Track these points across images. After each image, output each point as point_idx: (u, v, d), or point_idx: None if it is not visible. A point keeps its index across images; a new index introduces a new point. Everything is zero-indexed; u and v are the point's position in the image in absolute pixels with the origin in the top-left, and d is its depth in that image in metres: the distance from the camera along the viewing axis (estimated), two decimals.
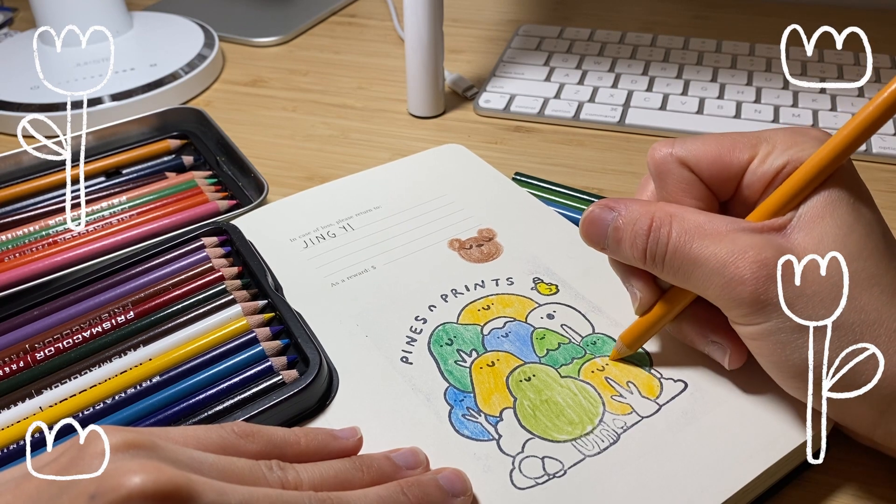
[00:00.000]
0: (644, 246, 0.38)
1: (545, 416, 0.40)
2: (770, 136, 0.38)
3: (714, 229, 0.37)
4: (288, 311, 0.46)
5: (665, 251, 0.38)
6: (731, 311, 0.37)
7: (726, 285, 0.36)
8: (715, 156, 0.39)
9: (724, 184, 0.39)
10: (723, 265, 0.36)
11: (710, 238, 0.36)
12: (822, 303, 0.34)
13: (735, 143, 0.39)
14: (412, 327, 0.46)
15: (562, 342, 0.45)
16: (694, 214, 0.38)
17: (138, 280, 0.49)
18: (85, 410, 0.41)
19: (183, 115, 0.68)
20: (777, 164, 0.37)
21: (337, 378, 0.43)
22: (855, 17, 0.91)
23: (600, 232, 0.40)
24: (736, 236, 0.36)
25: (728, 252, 0.36)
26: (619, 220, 0.39)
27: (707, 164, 0.39)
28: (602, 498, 0.36)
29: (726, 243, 0.36)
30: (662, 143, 0.40)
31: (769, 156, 0.38)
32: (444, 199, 0.57)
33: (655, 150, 0.40)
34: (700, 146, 0.39)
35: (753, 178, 0.38)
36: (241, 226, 0.54)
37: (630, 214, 0.39)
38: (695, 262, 0.37)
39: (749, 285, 0.35)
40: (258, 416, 0.39)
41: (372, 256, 0.51)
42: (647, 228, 0.38)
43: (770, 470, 0.38)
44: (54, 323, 0.46)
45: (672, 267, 0.38)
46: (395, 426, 0.40)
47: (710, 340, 0.41)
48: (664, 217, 0.38)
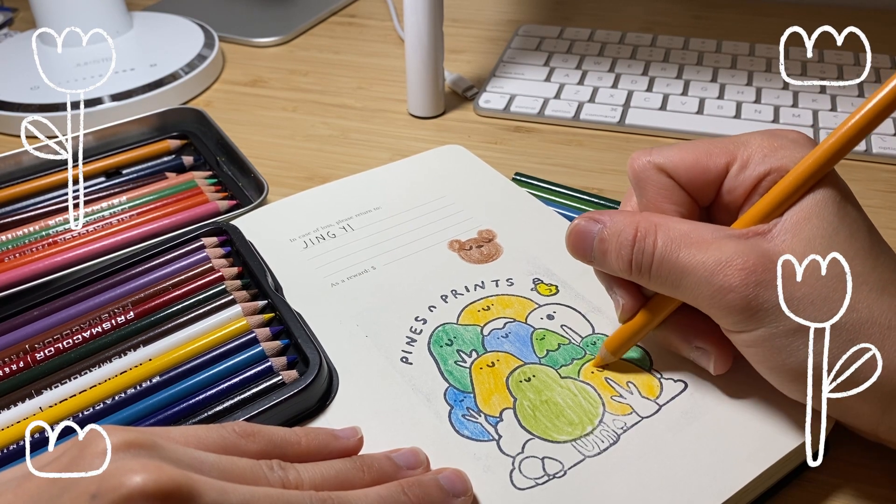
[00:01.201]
0: (629, 257, 0.38)
1: (545, 417, 0.40)
2: (747, 141, 0.39)
3: (700, 237, 0.37)
4: (288, 311, 0.46)
5: (651, 261, 0.38)
6: (722, 319, 0.37)
7: (715, 294, 0.36)
8: (692, 162, 0.39)
9: (704, 189, 0.40)
10: (711, 274, 0.36)
11: (696, 246, 0.36)
12: (813, 304, 0.34)
13: (712, 148, 0.39)
14: (412, 328, 0.46)
15: (562, 343, 0.45)
16: (678, 223, 0.38)
17: (138, 280, 0.49)
18: (85, 411, 0.41)
19: (183, 115, 0.68)
20: (759, 171, 0.38)
21: (337, 378, 0.43)
22: (855, 17, 0.91)
23: (586, 245, 0.40)
24: (722, 244, 0.36)
25: (715, 260, 0.36)
26: (604, 232, 0.39)
27: (685, 170, 0.39)
28: (602, 498, 0.37)
29: (713, 251, 0.36)
30: (640, 152, 0.41)
31: (749, 161, 0.38)
32: (444, 200, 0.57)
33: (634, 160, 0.41)
34: (677, 153, 0.40)
35: (735, 183, 0.38)
36: (241, 226, 0.54)
37: (615, 226, 0.39)
38: (683, 272, 0.37)
39: (739, 292, 0.35)
40: (258, 416, 0.39)
41: (372, 257, 0.51)
42: (632, 238, 0.38)
43: (770, 470, 0.38)
44: (54, 323, 0.46)
45: (659, 277, 0.38)
46: (395, 426, 0.40)
47: (694, 346, 0.41)
48: (649, 227, 0.38)
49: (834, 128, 0.67)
